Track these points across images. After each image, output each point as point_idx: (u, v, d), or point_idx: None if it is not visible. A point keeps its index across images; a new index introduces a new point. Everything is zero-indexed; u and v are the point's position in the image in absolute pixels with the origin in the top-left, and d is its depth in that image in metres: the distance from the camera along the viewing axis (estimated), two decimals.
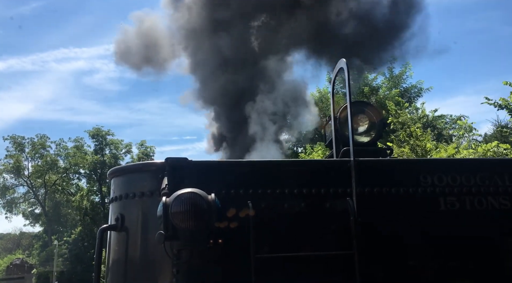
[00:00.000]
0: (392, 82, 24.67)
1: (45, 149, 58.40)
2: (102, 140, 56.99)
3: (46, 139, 59.21)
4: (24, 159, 59.70)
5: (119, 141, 58.59)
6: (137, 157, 58.26)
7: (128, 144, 59.53)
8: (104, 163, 56.48)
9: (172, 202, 2.57)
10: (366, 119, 3.78)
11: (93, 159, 55.75)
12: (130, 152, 59.45)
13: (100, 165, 56.14)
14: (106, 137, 57.09)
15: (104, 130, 56.86)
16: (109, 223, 3.08)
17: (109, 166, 56.84)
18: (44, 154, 57.60)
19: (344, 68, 3.04)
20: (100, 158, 56.15)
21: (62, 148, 59.01)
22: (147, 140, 60.20)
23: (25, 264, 53.92)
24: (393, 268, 2.83)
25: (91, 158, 56.11)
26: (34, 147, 58.49)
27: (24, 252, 68.17)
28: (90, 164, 55.90)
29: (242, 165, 3.19)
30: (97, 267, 2.91)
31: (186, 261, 2.64)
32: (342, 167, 2.94)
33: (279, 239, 2.79)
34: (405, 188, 2.93)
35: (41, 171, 56.93)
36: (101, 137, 56.58)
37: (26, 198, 61.85)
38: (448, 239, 2.91)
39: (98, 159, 55.97)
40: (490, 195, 2.94)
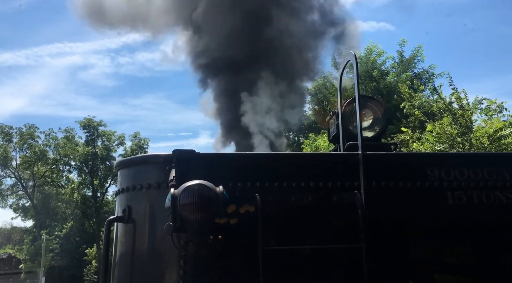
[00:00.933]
0: (402, 66, 24.00)
1: (34, 140, 58.13)
2: (93, 131, 56.86)
3: (34, 129, 58.92)
4: (12, 150, 59.42)
5: (112, 133, 58.44)
6: (130, 149, 58.22)
7: (121, 135, 59.41)
8: (95, 155, 56.42)
9: (180, 193, 2.67)
10: (371, 114, 3.89)
11: (84, 151, 55.67)
12: (123, 144, 59.35)
13: (91, 157, 56.08)
14: (98, 128, 57.04)
15: (96, 121, 56.71)
16: (116, 214, 3.19)
17: (101, 158, 56.80)
18: (32, 145, 57.31)
19: (353, 62, 3.13)
20: (92, 150, 56.07)
21: (52, 139, 58.72)
22: (143, 136, 60.02)
23: (13, 259, 54.10)
24: (400, 261, 2.95)
25: (82, 150, 56.03)
26: (22, 137, 58.21)
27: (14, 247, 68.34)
28: (81, 156, 55.80)
29: (249, 158, 3.30)
30: (105, 258, 3.02)
31: (193, 253, 2.76)
32: (350, 160, 3.05)
33: (287, 232, 2.90)
34: (412, 181, 3.04)
35: (29, 162, 56.70)
36: (92, 128, 56.41)
37: (14, 191, 61.70)
38: (455, 233, 3.03)
39: (89, 151, 55.88)
40: (497, 190, 3.06)
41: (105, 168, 57.83)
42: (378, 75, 24.03)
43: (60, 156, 57.16)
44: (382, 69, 24.41)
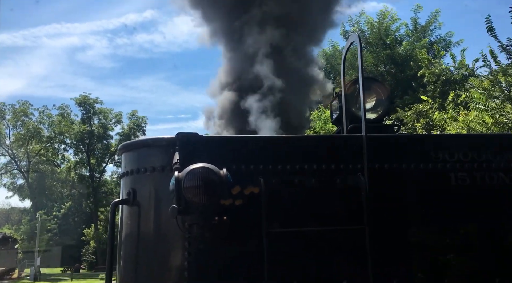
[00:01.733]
0: (416, 34, 23.25)
1: (27, 117, 58.18)
2: (89, 109, 56.88)
3: (28, 106, 58.87)
4: (5, 127, 59.49)
5: (109, 110, 58.50)
6: (128, 127, 58.37)
7: (118, 114, 59.46)
8: (92, 133, 56.59)
9: (184, 176, 2.79)
10: (374, 96, 3.97)
11: (80, 129, 55.80)
12: (121, 122, 59.44)
13: (88, 135, 56.25)
14: (94, 105, 57.04)
15: (91, 98, 56.72)
16: (120, 197, 3.33)
17: (97, 136, 57.00)
18: (26, 122, 57.36)
19: (356, 42, 3.21)
20: (88, 128, 56.23)
21: (46, 116, 58.70)
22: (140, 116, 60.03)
23: (9, 239, 55.03)
24: (403, 242, 3.10)
25: (78, 128, 56.17)
26: (16, 115, 58.21)
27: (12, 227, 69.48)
28: (77, 134, 55.93)
29: (252, 140, 3.41)
30: (110, 240, 3.16)
31: (198, 235, 2.90)
32: (353, 142, 3.17)
33: (290, 214, 3.04)
34: (416, 163, 3.15)
35: (23, 139, 56.89)
36: (88, 106, 56.42)
37: (8, 169, 62.13)
38: (458, 214, 3.15)
39: (85, 129, 56.02)
40: (501, 171, 3.18)
41: (102, 147, 58.15)
42: (392, 41, 23.13)
43: (55, 134, 57.26)
44: (396, 36, 23.51)
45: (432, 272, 3.06)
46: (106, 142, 58.63)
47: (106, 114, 58.24)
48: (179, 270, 2.93)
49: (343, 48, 3.97)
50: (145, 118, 60.37)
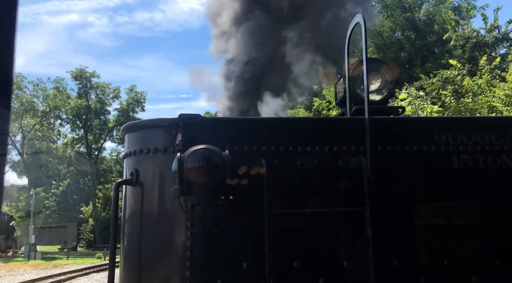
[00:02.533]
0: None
1: (21, 90, 58.08)
2: (86, 83, 56.82)
3: (22, 78, 58.71)
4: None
5: (106, 85, 58.43)
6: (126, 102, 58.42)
7: (116, 88, 59.41)
8: (89, 108, 56.66)
9: (187, 157, 2.93)
10: (378, 77, 4.06)
11: (77, 104, 55.87)
12: (119, 97, 59.50)
13: (84, 110, 56.35)
14: (90, 79, 56.97)
15: (88, 72, 56.62)
16: (124, 177, 3.48)
17: (94, 111, 57.12)
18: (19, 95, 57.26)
19: (361, 23, 3.29)
20: (85, 103, 56.29)
21: (41, 90, 58.59)
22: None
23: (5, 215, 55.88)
24: (404, 225, 3.23)
25: (74, 102, 56.24)
26: None
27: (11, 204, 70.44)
28: (73, 109, 56.02)
29: (255, 122, 3.53)
30: (114, 220, 3.32)
31: (200, 216, 3.06)
32: (357, 124, 3.28)
33: (292, 196, 3.18)
34: (418, 146, 3.27)
35: (17, 113, 56.97)
36: (85, 79, 56.36)
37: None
38: (460, 197, 3.29)
39: (82, 104, 56.08)
40: (504, 153, 3.28)
41: (99, 123, 58.36)
42: (412, 3, 22.24)
43: (50, 108, 57.31)
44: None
45: (433, 254, 3.21)
46: (104, 118, 58.79)
47: (103, 89, 58.19)
48: (181, 249, 3.09)
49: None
50: (144, 93, 60.46)
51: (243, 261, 3.04)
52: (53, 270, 30.75)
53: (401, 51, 27.21)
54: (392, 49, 27.70)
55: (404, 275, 3.10)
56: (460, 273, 3.11)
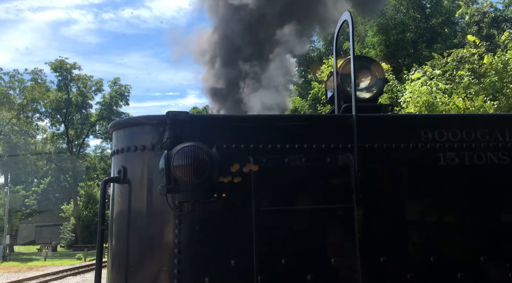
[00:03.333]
0: None
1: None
2: (66, 75, 56.28)
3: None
4: None
5: (88, 77, 57.84)
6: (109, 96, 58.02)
7: (98, 81, 58.83)
8: (69, 102, 56.17)
9: (174, 155, 3.05)
10: (368, 75, 4.23)
11: (57, 97, 55.30)
12: (101, 90, 59.01)
13: (65, 103, 55.82)
14: (71, 71, 56.40)
15: (69, 63, 56.02)
16: (112, 175, 3.60)
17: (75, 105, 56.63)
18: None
19: (348, 21, 3.43)
20: (65, 96, 55.77)
21: (17, 81, 57.59)
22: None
23: None
24: (391, 222, 3.39)
25: (54, 95, 55.65)
26: None
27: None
28: (52, 102, 55.39)
29: (243, 119, 3.67)
30: (101, 218, 3.44)
31: (187, 213, 3.19)
32: (344, 122, 3.43)
33: (280, 193, 3.32)
34: (405, 143, 3.44)
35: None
36: (65, 71, 55.78)
37: None
38: (447, 193, 3.46)
39: (62, 97, 55.56)
40: (489, 151, 3.48)
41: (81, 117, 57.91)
42: None
43: (28, 101, 56.39)
44: None
45: (419, 250, 3.38)
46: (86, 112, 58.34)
47: (85, 81, 57.58)
48: (169, 247, 3.22)
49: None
50: (129, 87, 60.05)
51: (231, 259, 3.18)
52: (26, 273, 30.10)
53: (406, 32, 26.99)
54: (396, 30, 27.39)
55: (390, 272, 3.26)
56: (446, 269, 3.28)
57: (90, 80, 57.87)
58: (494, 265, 3.32)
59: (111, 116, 58.18)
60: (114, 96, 58.00)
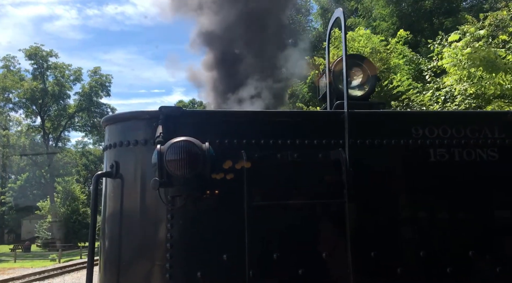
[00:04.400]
0: None
1: None
2: (42, 63, 55.69)
3: None
4: None
5: (66, 66, 57.28)
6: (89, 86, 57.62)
7: (77, 70, 58.27)
8: (45, 92, 55.64)
9: (166, 149, 3.25)
10: (360, 73, 4.50)
11: (31, 86, 54.69)
12: (80, 80, 58.57)
13: (40, 93, 55.24)
14: (47, 58, 55.85)
15: (45, 50, 55.45)
16: (104, 170, 3.80)
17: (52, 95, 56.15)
18: None
19: (341, 18, 3.65)
20: (41, 85, 55.20)
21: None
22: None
23: None
24: (382, 217, 3.64)
25: (28, 85, 55.07)
26: None
27: None
28: (27, 91, 54.79)
29: (236, 115, 3.87)
30: (93, 213, 3.65)
31: (180, 208, 3.39)
32: (336, 118, 3.65)
33: (272, 188, 3.54)
34: (396, 139, 3.69)
35: None
36: (41, 59, 55.19)
37: None
38: (437, 189, 3.70)
39: (37, 86, 54.99)
40: (479, 147, 3.74)
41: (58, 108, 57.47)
42: None
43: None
44: None
45: (409, 245, 3.63)
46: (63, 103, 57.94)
47: (62, 70, 57.01)
48: (161, 241, 3.43)
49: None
50: (110, 76, 59.68)
51: (223, 253, 3.40)
52: None
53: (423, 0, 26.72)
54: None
55: (381, 266, 3.51)
56: (436, 264, 3.54)
57: (68, 69, 57.42)
58: (483, 260, 3.58)
59: (90, 107, 57.92)
60: (94, 86, 57.60)
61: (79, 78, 58.44)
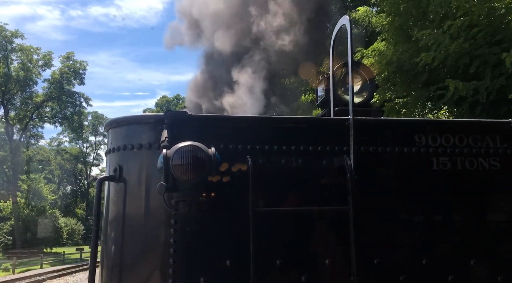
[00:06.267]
0: None
1: None
2: (5, 44, 55.16)
3: None
4: None
5: (34, 49, 56.73)
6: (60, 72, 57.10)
7: (47, 53, 57.63)
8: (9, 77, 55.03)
9: (173, 154, 3.61)
10: (359, 80, 4.99)
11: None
12: (50, 65, 58.09)
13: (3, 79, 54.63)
14: (12, 40, 55.36)
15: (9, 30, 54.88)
16: (107, 173, 4.19)
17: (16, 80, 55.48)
18: None
19: (347, 25, 4.08)
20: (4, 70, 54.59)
21: None
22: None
23: None
24: (386, 224, 4.07)
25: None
26: None
27: None
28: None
29: (241, 120, 4.29)
30: (97, 216, 4.01)
31: (184, 212, 3.79)
32: (340, 125, 4.09)
33: (277, 194, 3.96)
34: (400, 147, 4.14)
35: None
36: (4, 40, 54.60)
37: None
38: (438, 197, 4.16)
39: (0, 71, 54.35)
40: (480, 156, 4.22)
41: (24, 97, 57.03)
42: None
43: None
44: None
45: (412, 252, 4.08)
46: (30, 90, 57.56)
47: (29, 54, 56.41)
48: (165, 246, 3.82)
49: None
50: (85, 63, 59.40)
51: (226, 259, 3.80)
52: None
53: None
54: None
55: (384, 273, 3.96)
56: (438, 272, 4.00)
57: (36, 53, 56.86)
58: (485, 268, 4.05)
59: (62, 96, 57.39)
60: (66, 72, 57.21)
61: (49, 64, 58.05)
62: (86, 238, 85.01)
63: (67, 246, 71.54)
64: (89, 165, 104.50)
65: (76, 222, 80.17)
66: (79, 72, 58.84)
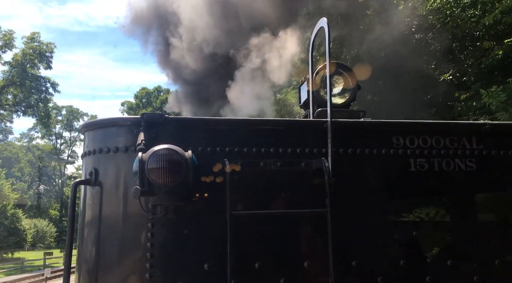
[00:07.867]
0: None
1: None
2: None
3: None
4: None
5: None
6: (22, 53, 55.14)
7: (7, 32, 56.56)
8: None
9: (148, 158, 3.89)
10: (341, 81, 5.42)
11: None
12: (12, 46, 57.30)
13: None
14: None
15: None
16: (83, 177, 4.49)
17: None
18: None
19: (324, 27, 4.45)
20: None
21: None
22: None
23: None
24: (364, 226, 4.44)
25: None
26: None
27: None
28: None
29: (219, 123, 4.60)
30: (71, 220, 4.27)
31: (161, 216, 4.13)
32: (319, 127, 4.44)
33: (255, 197, 4.30)
34: (378, 149, 4.53)
35: None
36: None
37: None
38: (416, 197, 4.57)
39: None
40: (457, 157, 4.63)
41: None
42: None
43: None
44: None
45: (390, 254, 4.46)
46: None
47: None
48: (142, 251, 4.14)
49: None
50: (52, 45, 58.83)
51: (204, 263, 4.13)
52: None
53: None
54: None
55: (362, 275, 4.34)
56: (415, 273, 4.40)
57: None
58: (463, 268, 4.45)
59: (25, 79, 55.82)
60: (30, 54, 56.02)
61: (10, 45, 56.81)
62: (60, 240, 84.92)
63: (38, 249, 70.96)
64: (63, 162, 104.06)
65: (47, 224, 79.73)
66: (45, 55, 58.30)
